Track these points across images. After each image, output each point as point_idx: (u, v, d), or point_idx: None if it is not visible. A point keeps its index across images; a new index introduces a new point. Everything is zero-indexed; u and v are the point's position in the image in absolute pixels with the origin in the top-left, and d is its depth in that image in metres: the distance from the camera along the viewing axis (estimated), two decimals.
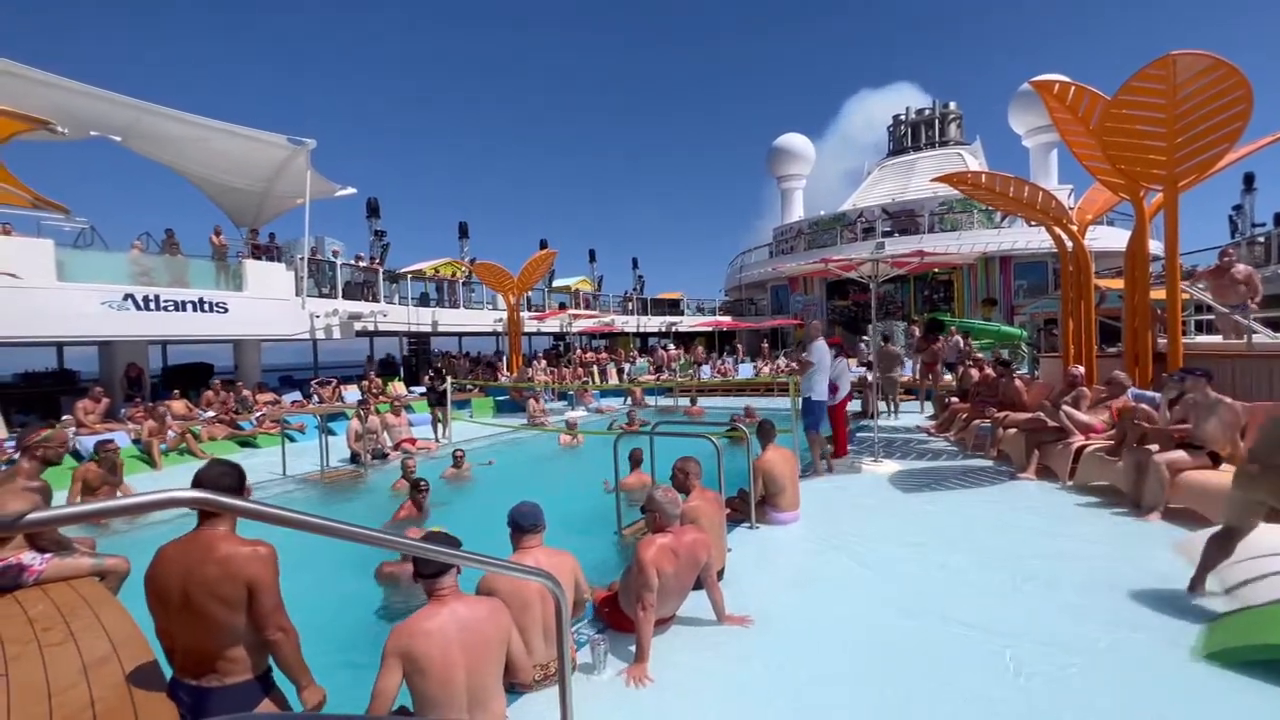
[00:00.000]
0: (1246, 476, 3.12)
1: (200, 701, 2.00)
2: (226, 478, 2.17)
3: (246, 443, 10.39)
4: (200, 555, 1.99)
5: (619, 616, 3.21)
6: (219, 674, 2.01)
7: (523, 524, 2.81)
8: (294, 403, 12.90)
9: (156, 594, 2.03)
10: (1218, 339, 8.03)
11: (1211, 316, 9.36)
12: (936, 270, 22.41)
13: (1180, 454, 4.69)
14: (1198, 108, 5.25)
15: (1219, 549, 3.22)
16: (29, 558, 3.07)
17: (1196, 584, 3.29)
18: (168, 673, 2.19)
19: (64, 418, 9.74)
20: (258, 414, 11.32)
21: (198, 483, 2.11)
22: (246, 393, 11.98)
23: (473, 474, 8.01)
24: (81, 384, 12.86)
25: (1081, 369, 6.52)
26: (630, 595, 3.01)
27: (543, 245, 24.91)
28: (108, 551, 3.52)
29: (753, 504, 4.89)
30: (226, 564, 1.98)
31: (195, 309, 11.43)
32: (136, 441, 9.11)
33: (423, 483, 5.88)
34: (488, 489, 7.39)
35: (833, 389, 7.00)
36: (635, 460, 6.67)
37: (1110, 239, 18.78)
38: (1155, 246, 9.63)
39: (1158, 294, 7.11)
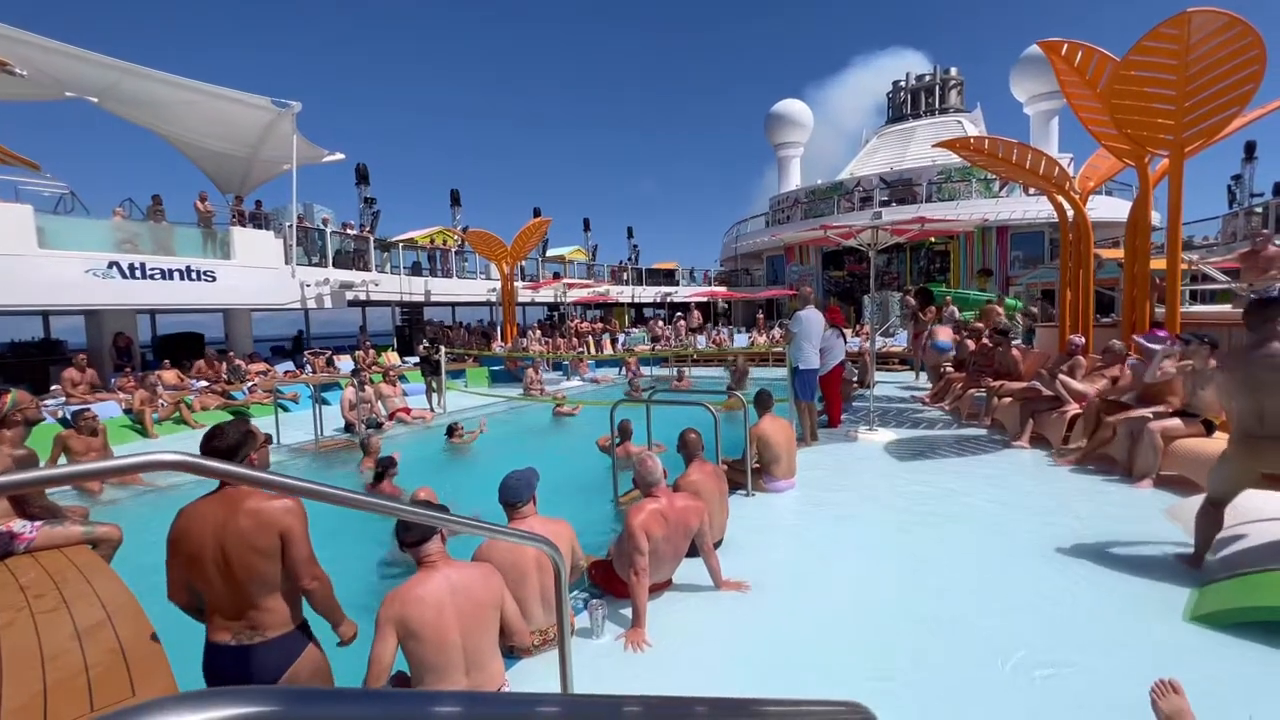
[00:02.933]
0: (1248, 444, 2.98)
1: (243, 660, 2.01)
2: (221, 439, 2.16)
3: (239, 413, 10.30)
4: (230, 510, 2.00)
5: (613, 581, 3.22)
6: (260, 629, 2.03)
7: (509, 499, 2.81)
8: (287, 373, 12.81)
9: (188, 554, 2.01)
10: (1216, 308, 8.02)
11: (1208, 287, 9.34)
12: (932, 240, 22.25)
13: (1175, 422, 4.71)
14: (1210, 69, 5.11)
15: (1212, 522, 3.19)
16: (19, 525, 3.03)
17: (1197, 560, 3.22)
18: (168, 638, 2.19)
19: (52, 388, 9.63)
20: (249, 384, 11.23)
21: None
22: (239, 362, 11.86)
23: (472, 444, 8.02)
24: (69, 353, 12.70)
25: (1082, 338, 6.51)
26: (624, 561, 3.03)
27: (536, 214, 24.50)
28: (100, 520, 3.49)
29: (748, 472, 4.90)
30: (258, 515, 2.00)
31: (182, 277, 11.22)
32: (128, 411, 9.02)
33: (390, 463, 5.29)
34: (487, 459, 7.39)
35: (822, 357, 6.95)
36: (624, 432, 6.55)
37: (1106, 209, 18.65)
38: (1154, 217, 9.53)
39: (1157, 264, 7.05)
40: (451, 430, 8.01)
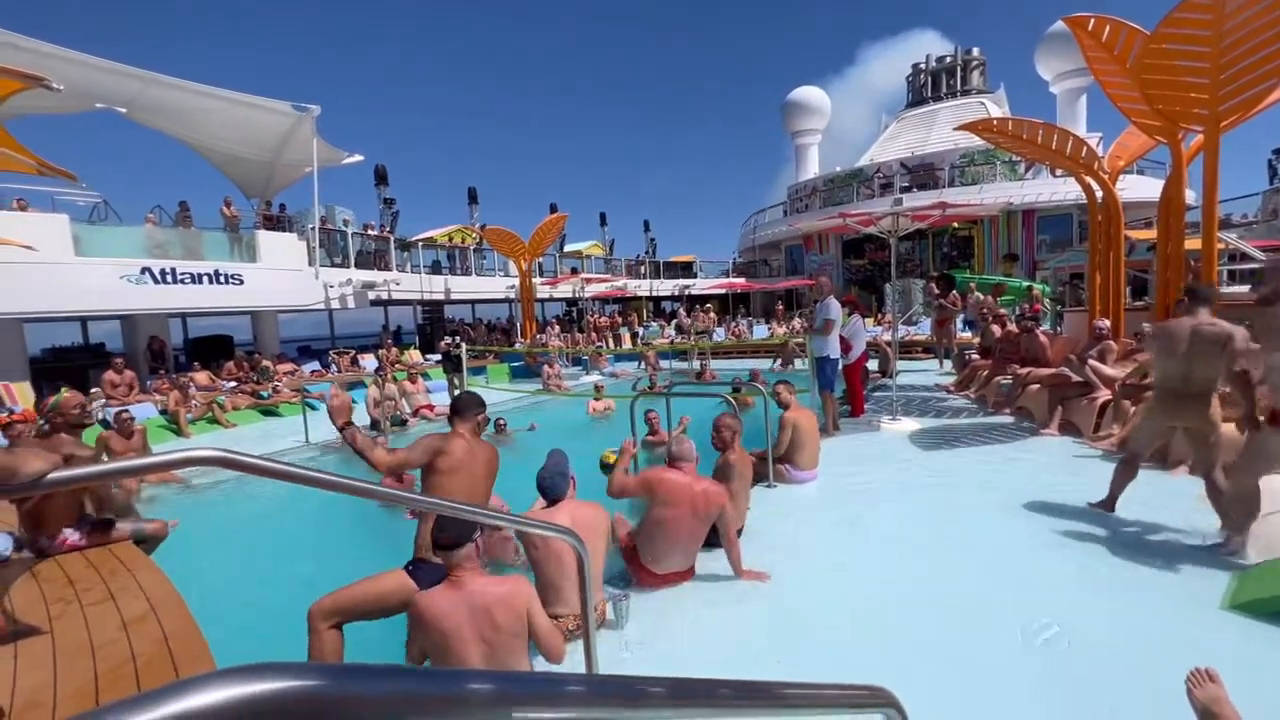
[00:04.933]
0: (1173, 398, 3.54)
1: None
2: (475, 400, 2.96)
3: (269, 411, 10.58)
4: (485, 447, 2.91)
5: (638, 568, 3.25)
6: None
7: (548, 495, 2.93)
8: (314, 372, 13.09)
9: (461, 473, 2.73)
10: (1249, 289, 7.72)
11: (1246, 266, 9.03)
12: (956, 226, 21.78)
13: None
14: (1246, 38, 4.90)
15: (1130, 472, 3.75)
16: (66, 531, 3.14)
17: (1110, 504, 3.80)
18: (207, 629, 2.27)
19: (93, 390, 9.98)
20: (275, 383, 11.50)
21: (455, 410, 2.89)
22: (266, 363, 12.14)
23: (515, 439, 8.16)
24: (111, 356, 13.15)
25: (1107, 322, 6.34)
26: (645, 540, 3.20)
27: (553, 209, 24.57)
28: (147, 517, 3.62)
29: (770, 462, 4.88)
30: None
31: (211, 281, 11.52)
32: (163, 412, 9.32)
33: None
34: (528, 453, 7.49)
35: (846, 348, 6.89)
36: (651, 422, 6.77)
37: (1138, 189, 18.03)
38: (1189, 196, 9.20)
39: (1192, 244, 6.82)
40: (496, 423, 8.14)
